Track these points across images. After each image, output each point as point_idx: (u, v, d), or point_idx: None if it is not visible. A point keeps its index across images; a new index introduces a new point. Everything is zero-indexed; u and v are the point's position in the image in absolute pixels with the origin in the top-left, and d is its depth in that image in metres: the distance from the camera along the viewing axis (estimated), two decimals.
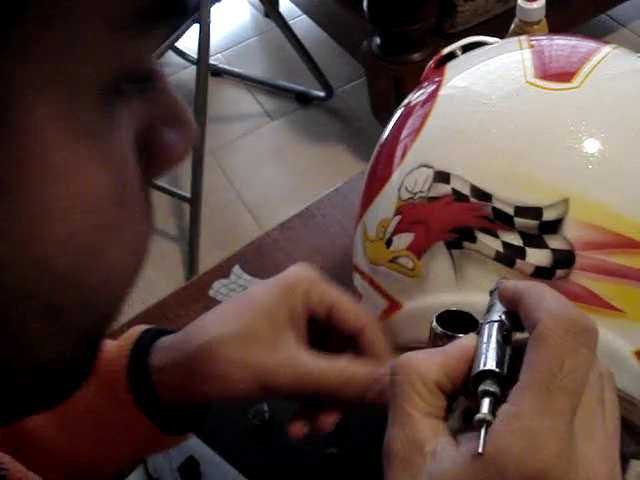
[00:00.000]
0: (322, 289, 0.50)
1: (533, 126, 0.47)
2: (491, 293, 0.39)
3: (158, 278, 1.92)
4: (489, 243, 0.45)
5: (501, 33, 0.85)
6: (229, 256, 0.87)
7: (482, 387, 0.34)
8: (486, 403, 0.33)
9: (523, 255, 0.45)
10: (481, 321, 0.37)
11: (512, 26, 0.84)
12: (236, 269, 0.85)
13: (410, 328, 0.50)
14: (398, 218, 0.50)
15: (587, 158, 0.45)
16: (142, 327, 0.54)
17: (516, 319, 0.36)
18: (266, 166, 2.13)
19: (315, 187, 1.96)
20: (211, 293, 0.84)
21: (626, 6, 2.05)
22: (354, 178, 0.94)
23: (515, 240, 0.45)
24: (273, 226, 0.90)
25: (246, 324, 0.48)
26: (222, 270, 0.86)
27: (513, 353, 0.35)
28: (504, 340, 0.36)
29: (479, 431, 0.32)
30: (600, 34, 2.17)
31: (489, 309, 0.38)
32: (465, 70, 0.54)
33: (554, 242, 0.44)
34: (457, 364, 0.36)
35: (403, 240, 0.50)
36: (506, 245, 0.45)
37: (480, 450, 0.32)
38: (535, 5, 0.80)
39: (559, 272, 0.44)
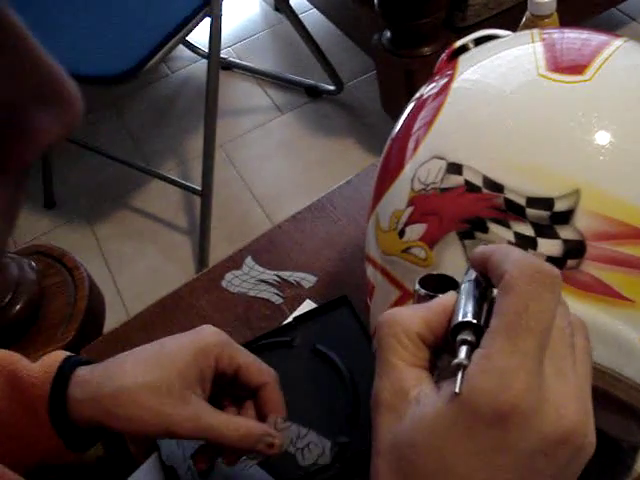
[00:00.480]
0: (231, 353, 0.58)
1: (545, 118, 0.47)
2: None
3: (169, 270, 1.93)
4: (501, 233, 0.46)
5: (512, 27, 0.85)
6: (241, 248, 0.88)
7: (460, 337, 0.36)
8: (463, 350, 0.36)
9: (534, 245, 0.45)
10: (460, 281, 0.40)
11: (523, 19, 0.84)
12: (248, 260, 0.86)
13: None
14: (411, 209, 0.51)
15: (598, 150, 0.45)
16: (63, 354, 0.59)
17: (489, 279, 0.39)
18: (276, 159, 2.14)
19: (325, 180, 1.97)
20: (223, 284, 0.85)
21: (637, 0, 2.05)
22: (365, 170, 0.94)
23: (527, 230, 0.45)
24: (282, 219, 0.91)
25: (161, 378, 0.55)
26: (234, 261, 0.87)
27: (489, 308, 0.38)
28: (480, 296, 0.38)
29: (456, 375, 0.35)
30: (611, 28, 2.17)
31: (467, 271, 0.40)
32: (477, 63, 0.54)
33: (565, 232, 0.45)
34: (438, 318, 0.38)
35: (416, 231, 0.50)
36: (518, 235, 0.46)
37: (457, 390, 0.34)
38: None
39: (570, 262, 0.45)
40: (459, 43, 0.59)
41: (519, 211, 0.46)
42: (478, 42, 0.58)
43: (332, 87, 2.23)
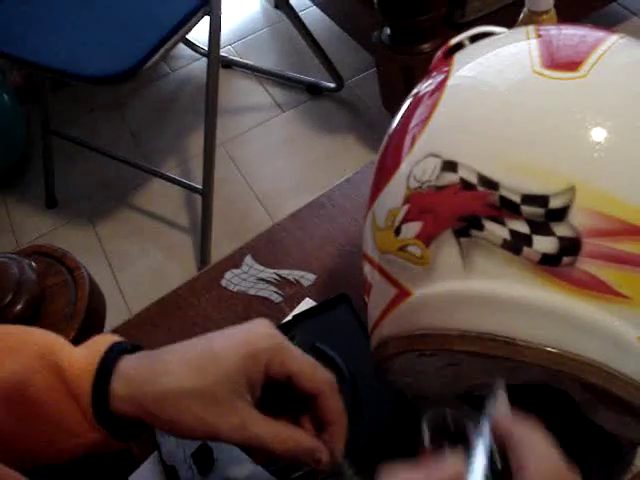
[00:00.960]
0: (283, 358, 0.54)
1: (539, 115, 0.47)
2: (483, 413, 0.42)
3: (170, 269, 1.93)
4: (496, 231, 0.46)
5: (511, 23, 0.85)
6: (241, 246, 0.88)
7: None
8: None
9: (530, 243, 0.45)
10: (471, 439, 0.40)
11: (521, 16, 0.84)
12: (248, 259, 0.86)
13: (419, 315, 0.50)
14: (407, 207, 0.51)
15: (593, 146, 0.45)
16: (108, 341, 0.56)
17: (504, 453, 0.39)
18: (277, 157, 2.14)
19: (326, 178, 1.97)
20: (223, 283, 0.85)
21: None
22: (364, 168, 0.94)
23: (522, 228, 0.45)
24: (284, 217, 0.91)
25: (207, 384, 0.52)
26: (234, 260, 0.87)
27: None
28: (490, 470, 0.38)
29: None
30: (612, 23, 2.17)
31: (480, 430, 0.40)
32: (473, 60, 0.54)
33: (560, 230, 0.45)
34: None
35: (412, 229, 0.50)
36: (513, 233, 0.46)
37: None
38: None
39: (565, 259, 0.45)
40: (455, 40, 0.59)
41: (514, 208, 0.45)
42: (474, 39, 0.58)
43: (333, 85, 2.23)
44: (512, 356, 0.47)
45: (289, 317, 0.77)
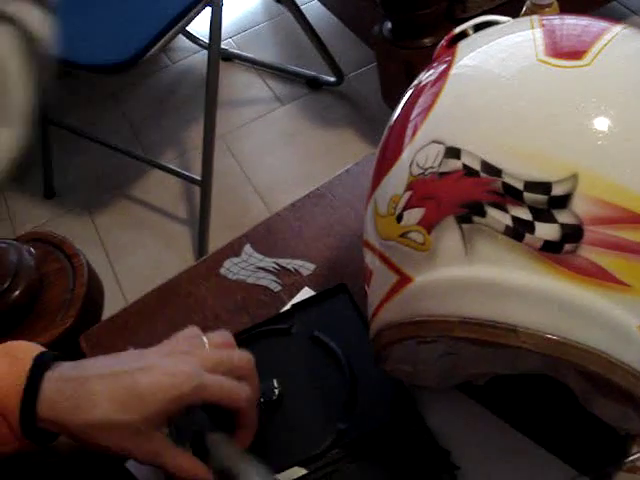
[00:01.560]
0: (204, 396, 0.59)
1: (543, 103, 0.47)
2: None
3: (168, 260, 1.93)
4: (499, 217, 0.46)
5: (513, 17, 0.85)
6: (240, 235, 0.88)
7: None
8: None
9: (532, 229, 0.45)
10: None
11: (524, 9, 0.84)
12: (247, 248, 0.86)
13: (420, 301, 0.50)
14: (409, 193, 0.51)
15: (596, 134, 0.45)
16: (31, 353, 0.59)
17: None
18: (276, 151, 2.14)
19: (325, 171, 1.96)
20: (222, 272, 0.85)
21: None
22: (365, 159, 0.94)
23: (524, 215, 0.45)
24: (284, 207, 0.91)
25: (130, 420, 0.56)
26: (233, 249, 0.87)
27: None
28: None
29: None
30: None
31: None
32: (476, 49, 0.54)
33: (563, 217, 0.45)
34: None
35: (414, 215, 0.50)
36: (515, 219, 0.46)
37: None
38: None
39: (567, 246, 0.45)
40: (458, 29, 0.59)
41: (517, 195, 0.46)
42: (477, 28, 0.58)
43: (333, 78, 2.23)
44: (513, 343, 0.46)
45: (288, 306, 0.77)
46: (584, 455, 0.63)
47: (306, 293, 0.79)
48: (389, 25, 1.70)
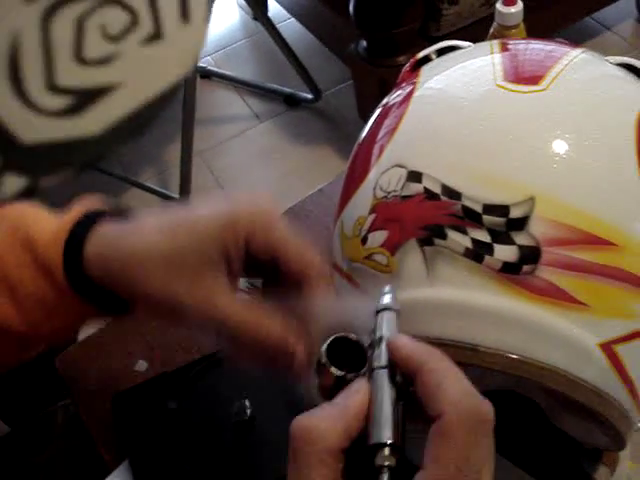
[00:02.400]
0: (267, 236, 0.47)
1: (501, 127, 0.48)
2: (377, 312, 0.42)
3: None
4: (459, 240, 0.47)
5: (484, 36, 0.87)
6: None
7: (379, 461, 0.36)
8: (385, 479, 0.35)
9: (491, 251, 0.46)
10: (372, 363, 0.39)
11: (491, 30, 0.86)
12: None
13: None
14: (373, 216, 0.52)
15: (552, 158, 0.47)
16: (86, 206, 0.53)
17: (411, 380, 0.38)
18: (254, 167, 2.15)
19: (303, 188, 1.96)
20: None
21: (610, 9, 2.07)
22: (338, 178, 0.95)
23: (483, 237, 0.46)
24: None
25: (176, 249, 0.46)
26: None
27: (404, 406, 0.37)
28: (398, 395, 0.38)
29: None
30: (585, 37, 2.20)
31: (377, 339, 0.40)
32: (439, 73, 0.55)
33: (521, 239, 0.46)
34: (356, 424, 0.37)
35: (378, 237, 0.51)
36: (475, 242, 0.47)
37: None
38: (513, 9, 0.82)
39: (526, 267, 0.46)
40: (422, 54, 0.60)
41: (476, 218, 0.47)
42: (441, 52, 0.59)
43: (310, 96, 2.24)
44: (475, 362, 0.47)
45: None
46: (552, 470, 0.64)
47: None
48: (364, 43, 1.71)
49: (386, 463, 0.35)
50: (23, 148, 0.18)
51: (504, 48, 0.55)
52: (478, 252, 0.46)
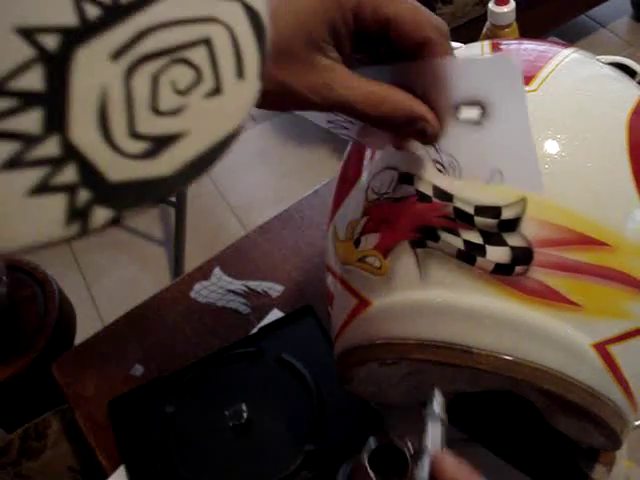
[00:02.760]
0: (375, 3, 0.41)
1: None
2: (426, 416, 0.43)
3: (144, 281, 1.93)
4: (451, 241, 0.47)
5: (478, 35, 0.87)
6: (210, 258, 0.89)
7: None
8: None
9: (483, 253, 0.46)
10: (414, 475, 0.40)
11: (484, 29, 0.86)
12: (216, 271, 0.87)
13: (378, 325, 0.51)
14: (366, 219, 0.52)
15: (543, 159, 0.46)
16: None
17: None
18: (251, 169, 2.15)
19: (300, 190, 1.96)
20: (192, 295, 0.85)
21: (605, 6, 2.07)
22: (332, 180, 0.95)
23: (475, 238, 0.46)
24: (252, 229, 0.91)
25: (278, 35, 0.39)
26: (203, 272, 0.87)
27: None
28: None
29: None
30: (580, 35, 2.20)
31: (422, 449, 0.41)
32: None
33: (513, 240, 0.46)
34: None
35: (370, 240, 0.51)
36: (467, 243, 0.46)
37: None
38: (505, 9, 0.82)
39: (518, 268, 0.46)
40: None
41: (468, 219, 0.46)
42: None
43: None
44: (469, 364, 0.47)
45: (256, 329, 0.78)
46: (549, 470, 0.64)
47: (275, 315, 0.80)
48: None
49: None
50: (110, 185, 0.21)
51: (495, 48, 0.55)
52: (470, 254, 0.46)
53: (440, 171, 0.47)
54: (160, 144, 0.22)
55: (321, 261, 0.85)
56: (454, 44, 0.59)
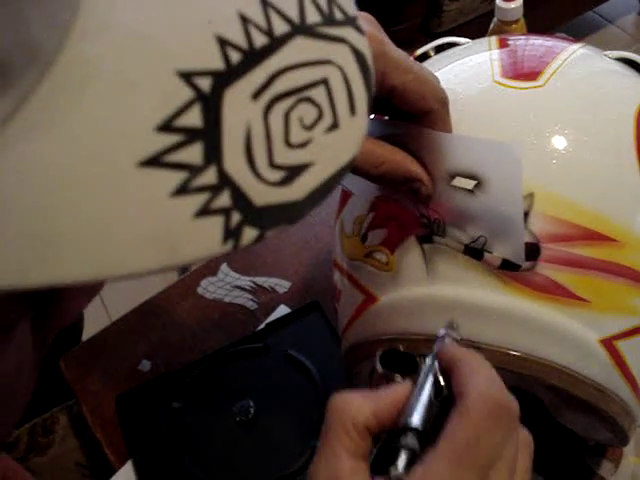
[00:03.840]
0: (383, 68, 0.43)
1: (499, 123, 0.48)
2: (437, 338, 0.41)
3: (152, 277, 1.92)
4: (458, 237, 0.47)
5: (486, 31, 0.87)
6: None
7: (403, 441, 0.36)
8: (403, 458, 0.35)
9: (491, 247, 0.46)
10: (421, 367, 0.40)
11: (491, 25, 0.86)
12: (224, 267, 0.87)
13: (385, 320, 0.51)
14: (373, 214, 0.52)
15: (551, 154, 0.46)
16: None
17: (449, 379, 0.38)
18: None
19: None
20: (199, 291, 0.85)
21: (613, 3, 2.07)
22: None
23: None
24: None
25: None
26: (210, 268, 0.87)
27: (440, 408, 0.37)
28: (435, 395, 0.38)
29: None
30: (587, 31, 2.19)
31: (430, 359, 0.40)
32: (436, 70, 0.55)
33: None
34: (388, 409, 0.37)
35: (377, 235, 0.51)
36: (475, 237, 0.46)
37: None
38: (513, 5, 0.82)
39: (526, 264, 0.45)
40: (420, 51, 0.60)
41: None
42: (439, 49, 0.59)
43: None
44: None
45: (263, 325, 0.78)
46: (556, 466, 0.64)
47: (282, 311, 0.80)
48: None
49: (408, 444, 0.36)
50: (255, 209, 0.23)
51: (503, 44, 0.55)
52: (477, 249, 0.46)
53: (425, 225, 0.48)
54: (293, 173, 0.24)
55: (328, 257, 0.86)
56: (462, 39, 0.59)
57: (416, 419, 0.36)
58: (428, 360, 0.40)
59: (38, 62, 0.21)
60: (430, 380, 0.38)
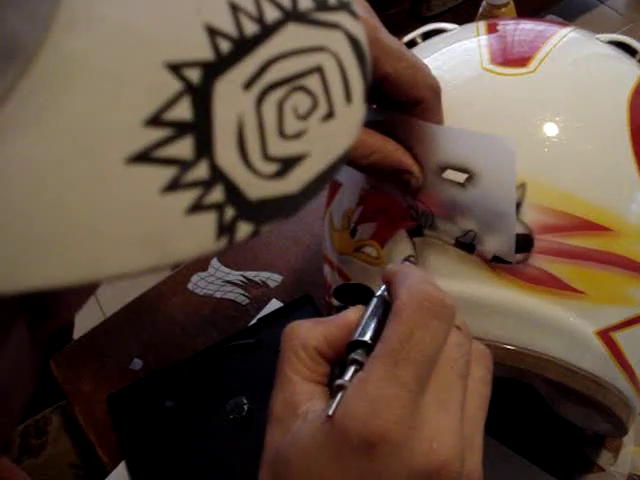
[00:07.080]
0: (375, 54, 0.43)
1: (488, 111, 0.47)
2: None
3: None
4: (448, 229, 0.46)
5: (475, 15, 0.85)
6: None
7: (351, 355, 0.36)
8: (350, 370, 0.35)
9: (482, 241, 0.45)
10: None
11: (480, 9, 0.84)
12: (214, 262, 0.85)
13: None
14: (361, 208, 0.51)
15: (542, 142, 0.45)
16: None
17: None
18: None
19: None
20: (190, 287, 0.84)
21: None
22: None
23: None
24: None
25: None
26: (200, 263, 0.86)
27: None
28: (384, 314, 0.37)
29: (335, 395, 0.34)
30: (578, 11, 2.18)
31: (380, 287, 0.40)
32: (424, 57, 0.53)
33: None
34: (339, 333, 0.38)
35: (367, 229, 0.50)
36: (465, 231, 0.45)
37: (330, 413, 0.34)
38: None
39: (518, 256, 0.44)
40: (407, 38, 0.58)
41: None
42: (426, 36, 0.58)
43: None
44: None
45: (255, 319, 0.77)
46: (554, 457, 0.63)
47: (274, 305, 0.79)
48: None
49: (357, 359, 0.36)
50: (250, 203, 0.23)
51: (491, 29, 0.53)
52: (467, 242, 0.45)
53: (413, 217, 0.47)
54: (287, 165, 0.24)
55: (319, 249, 0.84)
56: (450, 25, 0.57)
57: (364, 334, 0.37)
58: (379, 287, 0.40)
59: (17, 58, 0.20)
60: (377, 300, 0.39)
